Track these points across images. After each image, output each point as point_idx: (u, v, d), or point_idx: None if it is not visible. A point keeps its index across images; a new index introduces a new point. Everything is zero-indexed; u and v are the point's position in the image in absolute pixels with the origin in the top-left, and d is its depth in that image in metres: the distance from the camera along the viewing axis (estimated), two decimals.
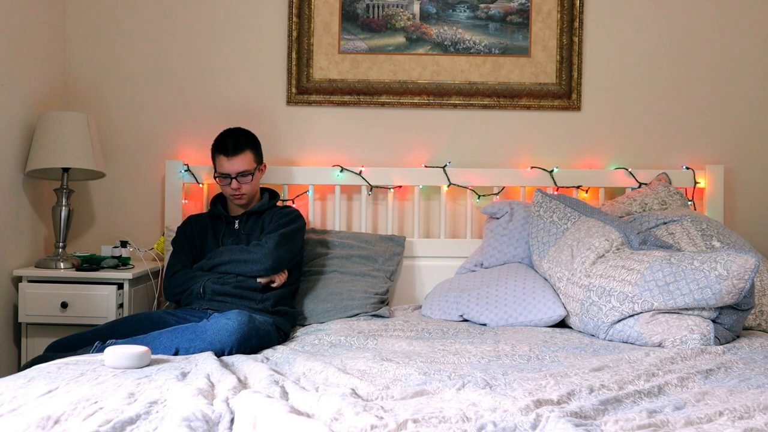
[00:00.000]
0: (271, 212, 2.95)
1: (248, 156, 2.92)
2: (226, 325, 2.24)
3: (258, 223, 2.92)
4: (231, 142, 2.90)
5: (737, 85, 3.47)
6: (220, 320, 2.27)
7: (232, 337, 2.22)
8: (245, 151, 2.90)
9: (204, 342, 2.21)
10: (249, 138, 2.97)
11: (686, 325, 2.36)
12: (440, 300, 2.94)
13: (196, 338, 2.23)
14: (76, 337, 2.45)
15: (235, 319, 2.26)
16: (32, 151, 3.03)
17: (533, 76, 3.45)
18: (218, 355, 2.18)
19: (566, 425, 1.46)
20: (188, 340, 2.23)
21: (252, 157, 2.93)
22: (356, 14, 3.44)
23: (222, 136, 2.96)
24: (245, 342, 2.24)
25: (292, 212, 2.96)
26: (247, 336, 2.25)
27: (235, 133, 2.95)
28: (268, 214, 2.95)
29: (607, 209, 3.13)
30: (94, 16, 3.42)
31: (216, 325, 2.25)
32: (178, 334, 2.26)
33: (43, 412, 1.53)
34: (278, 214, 2.93)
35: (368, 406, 1.58)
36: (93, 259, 3.12)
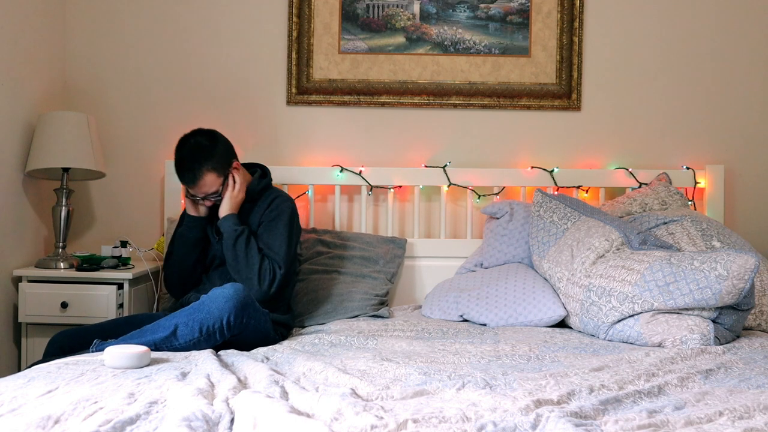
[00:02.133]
0: (261, 203, 2.74)
1: (209, 178, 2.65)
2: (222, 293, 2.27)
3: (249, 212, 2.74)
4: (186, 170, 2.65)
5: (737, 85, 3.47)
6: (216, 290, 2.30)
7: (229, 303, 2.24)
8: (203, 175, 2.63)
9: (202, 312, 2.24)
10: (206, 154, 2.65)
11: (686, 325, 2.36)
12: (440, 300, 2.94)
13: (194, 311, 2.26)
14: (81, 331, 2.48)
15: (230, 287, 2.29)
16: (32, 151, 3.03)
17: (533, 76, 3.45)
18: (218, 326, 2.22)
19: (566, 425, 1.46)
20: (186, 315, 2.26)
21: (214, 177, 2.65)
22: (356, 14, 3.44)
23: (176, 159, 2.69)
24: (242, 309, 2.27)
25: (277, 205, 2.72)
26: (243, 302, 2.28)
27: (189, 157, 2.65)
28: (259, 206, 2.74)
29: (607, 209, 3.13)
30: (94, 16, 3.42)
31: (212, 295, 2.28)
32: (176, 314, 2.30)
33: (43, 412, 1.53)
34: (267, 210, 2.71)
35: (368, 406, 1.58)
36: (93, 259, 3.11)
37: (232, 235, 2.61)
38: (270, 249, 2.63)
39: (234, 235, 2.61)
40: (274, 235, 2.65)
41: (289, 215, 2.70)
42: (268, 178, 2.85)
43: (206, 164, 2.64)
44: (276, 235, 2.65)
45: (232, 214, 2.67)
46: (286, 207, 2.71)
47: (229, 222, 2.65)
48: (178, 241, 2.78)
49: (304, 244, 3.16)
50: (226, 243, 2.63)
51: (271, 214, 2.69)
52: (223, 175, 2.68)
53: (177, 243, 2.78)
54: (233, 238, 2.61)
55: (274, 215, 2.69)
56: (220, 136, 2.74)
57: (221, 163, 2.67)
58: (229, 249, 2.62)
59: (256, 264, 2.57)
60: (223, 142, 2.73)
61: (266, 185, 2.81)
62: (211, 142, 2.69)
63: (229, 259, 2.62)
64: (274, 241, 2.64)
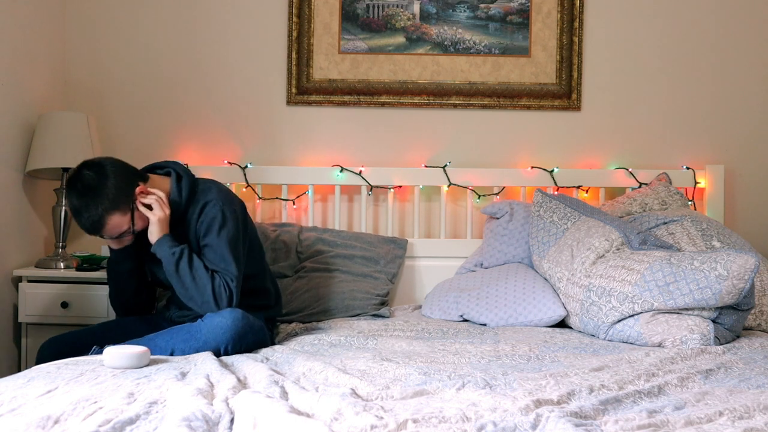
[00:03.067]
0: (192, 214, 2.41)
1: (114, 221, 2.30)
2: (220, 323, 2.20)
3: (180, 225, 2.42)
4: (84, 220, 2.29)
5: (737, 85, 3.47)
6: (214, 319, 2.22)
7: (226, 335, 2.19)
8: (105, 222, 2.29)
9: (199, 341, 2.19)
10: (98, 197, 2.26)
11: (686, 325, 2.36)
12: (440, 300, 2.94)
13: (191, 338, 2.21)
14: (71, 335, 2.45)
15: (228, 316, 2.22)
16: (32, 151, 3.03)
17: (533, 76, 3.45)
18: (215, 354, 2.16)
19: (566, 425, 1.46)
20: (183, 341, 2.21)
21: (119, 217, 2.30)
22: (356, 14, 3.44)
23: (70, 209, 2.32)
24: (240, 339, 2.21)
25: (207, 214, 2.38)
26: (241, 333, 2.21)
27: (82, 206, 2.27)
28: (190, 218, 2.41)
29: (607, 209, 3.13)
30: (94, 16, 3.42)
31: (210, 324, 2.21)
32: (173, 335, 2.25)
33: (43, 412, 1.53)
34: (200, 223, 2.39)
35: (368, 406, 1.57)
36: (93, 259, 3.12)
37: (171, 260, 2.30)
38: (215, 265, 2.33)
39: (173, 260, 2.30)
40: (214, 248, 2.35)
41: (222, 217, 2.37)
42: (187, 180, 2.45)
43: (104, 208, 2.27)
44: (215, 247, 2.34)
45: (165, 236, 2.34)
46: (216, 210, 2.37)
47: (164, 246, 2.32)
48: (112, 277, 2.52)
49: (305, 242, 3.15)
50: (167, 270, 2.32)
51: (202, 227, 2.37)
52: (128, 210, 2.32)
53: (109, 278, 2.53)
54: (173, 263, 2.30)
55: (206, 227, 2.37)
56: (109, 167, 2.32)
57: (121, 200, 2.30)
58: (173, 276, 2.31)
59: (208, 285, 2.29)
60: (114, 172, 2.31)
61: (190, 190, 2.44)
62: (99, 179, 2.28)
63: (177, 288, 2.33)
64: (216, 254, 2.34)
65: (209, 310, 2.31)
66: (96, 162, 2.35)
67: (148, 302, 2.63)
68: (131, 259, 2.49)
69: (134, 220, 2.34)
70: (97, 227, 2.30)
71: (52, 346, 2.40)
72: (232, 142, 3.42)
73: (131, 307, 2.58)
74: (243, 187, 3.33)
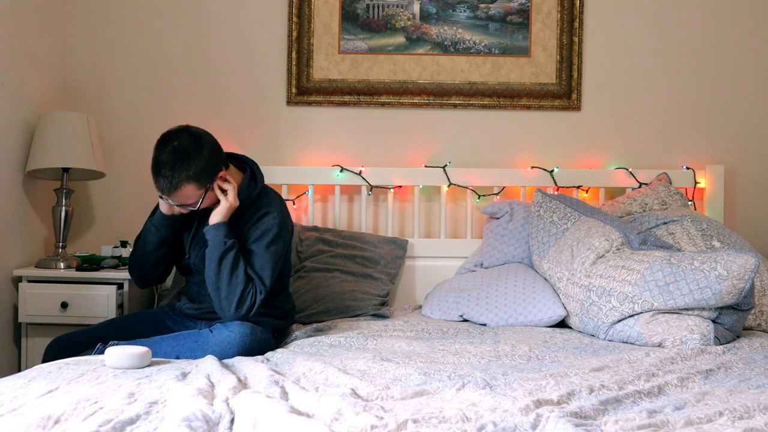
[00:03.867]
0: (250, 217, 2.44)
1: (188, 189, 2.32)
2: (228, 338, 2.23)
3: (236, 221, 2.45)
4: (162, 177, 2.31)
5: (737, 85, 3.47)
6: (223, 332, 2.26)
7: (233, 350, 2.22)
8: (181, 187, 2.31)
9: (205, 353, 2.21)
10: (188, 162, 2.30)
11: (686, 325, 2.36)
12: (440, 300, 2.94)
13: (198, 348, 2.23)
14: (77, 335, 2.45)
15: (237, 331, 2.24)
16: (32, 151, 3.03)
17: (533, 76, 3.45)
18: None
19: (566, 425, 1.46)
20: (189, 350, 2.23)
21: (194, 189, 2.32)
22: (356, 14, 3.44)
23: (154, 160, 2.33)
24: (246, 354, 2.23)
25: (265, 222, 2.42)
26: (248, 348, 2.24)
27: (168, 163, 2.30)
28: (247, 219, 2.45)
29: (607, 209, 3.13)
30: (94, 16, 3.42)
31: (218, 337, 2.25)
32: (180, 341, 2.27)
33: (44, 412, 1.53)
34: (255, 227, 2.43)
35: (368, 406, 1.58)
36: (93, 259, 3.12)
37: (220, 247, 2.33)
38: (254, 271, 2.36)
39: (221, 248, 2.33)
40: (258, 256, 2.37)
41: (275, 234, 2.40)
42: (260, 184, 2.51)
43: (187, 174, 2.29)
44: (260, 256, 2.37)
45: (223, 224, 2.37)
46: (274, 223, 2.41)
47: (219, 232, 2.35)
48: (144, 235, 2.53)
49: (305, 242, 3.16)
50: (210, 254, 2.34)
51: (257, 231, 2.40)
52: (205, 187, 2.34)
53: (143, 237, 2.54)
54: (220, 251, 2.32)
55: (260, 234, 2.40)
56: (208, 141, 2.37)
57: (204, 175, 2.33)
58: (213, 262, 2.33)
59: (240, 287, 2.31)
60: (210, 148, 2.36)
61: (258, 194, 2.49)
62: (196, 147, 2.32)
63: (210, 273, 2.33)
64: (258, 262, 2.37)
65: (228, 308, 2.32)
66: (198, 131, 2.38)
67: (162, 276, 2.63)
68: (170, 229, 2.50)
69: (204, 198, 2.36)
70: (171, 189, 2.31)
71: (59, 345, 2.41)
72: (232, 142, 3.42)
73: (146, 273, 2.58)
74: None
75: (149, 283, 2.64)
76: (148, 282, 2.63)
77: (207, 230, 2.38)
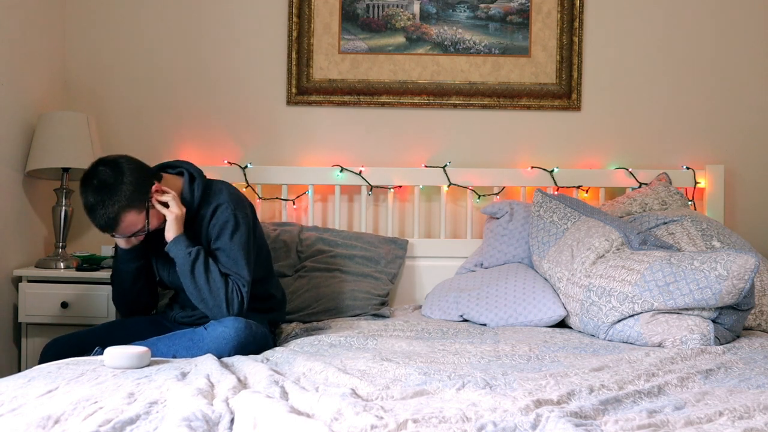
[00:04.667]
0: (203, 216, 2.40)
1: (129, 218, 2.28)
2: (223, 333, 2.22)
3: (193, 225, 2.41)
4: (99, 220, 2.26)
5: (737, 85, 3.47)
6: (218, 328, 2.24)
7: (229, 345, 2.20)
8: (121, 219, 2.27)
9: (201, 350, 2.20)
10: (115, 194, 2.24)
11: (686, 325, 2.36)
12: (440, 300, 2.94)
13: (194, 346, 2.22)
14: (74, 336, 2.45)
15: (231, 326, 2.23)
16: (32, 151, 3.03)
17: (533, 76, 3.45)
18: None
19: (566, 425, 1.46)
20: (186, 348, 2.22)
21: (134, 215, 2.29)
22: (356, 14, 3.44)
23: (84, 206, 2.28)
24: (243, 349, 2.22)
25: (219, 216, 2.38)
26: (244, 343, 2.22)
27: (98, 203, 2.24)
28: (201, 219, 2.40)
29: (607, 209, 3.13)
30: (94, 16, 3.42)
31: (213, 333, 2.23)
32: (176, 341, 2.26)
33: (43, 412, 1.53)
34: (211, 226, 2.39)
35: (368, 406, 1.57)
36: (93, 259, 3.12)
37: (187, 260, 2.29)
38: (228, 269, 2.33)
39: (189, 260, 2.29)
40: (227, 252, 2.35)
41: (234, 221, 2.37)
42: (200, 182, 2.44)
43: (120, 205, 2.25)
44: (228, 251, 2.35)
45: (181, 236, 2.32)
46: (228, 214, 2.37)
47: (180, 246, 2.31)
48: (116, 276, 2.52)
49: (305, 242, 3.15)
50: (181, 271, 2.31)
51: (215, 229, 2.37)
52: (144, 208, 2.30)
53: (116, 278, 2.52)
54: (189, 264, 2.29)
55: (219, 230, 2.36)
56: (125, 164, 2.30)
57: (137, 197, 2.28)
58: (186, 277, 2.30)
59: (222, 290, 2.29)
60: (130, 170, 2.29)
61: (203, 191, 2.43)
62: (116, 176, 2.26)
63: (190, 288, 2.31)
64: (229, 258, 2.34)
65: (219, 313, 2.31)
66: (112, 159, 2.32)
67: (150, 302, 2.63)
68: (138, 259, 2.48)
69: (149, 218, 2.32)
70: (112, 225, 2.27)
71: (56, 346, 2.40)
72: (232, 142, 3.42)
73: (133, 307, 2.59)
74: (243, 187, 3.32)
75: (139, 312, 2.62)
76: (138, 312, 2.61)
77: (168, 249, 2.34)
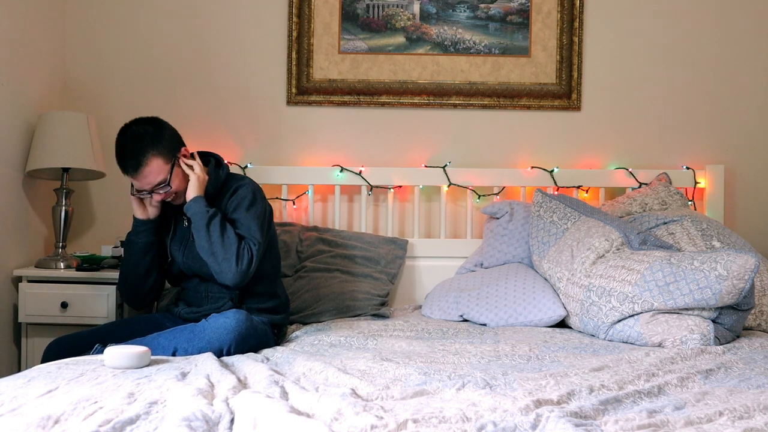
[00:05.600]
0: (223, 197, 2.52)
1: (155, 164, 2.40)
2: (224, 324, 2.23)
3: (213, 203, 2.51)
4: (127, 157, 2.39)
5: (737, 85, 3.47)
6: (219, 319, 2.26)
7: (230, 335, 2.21)
8: (148, 161, 2.38)
9: (202, 341, 2.20)
10: (149, 139, 2.40)
11: (686, 325, 2.36)
12: (440, 300, 2.94)
13: (195, 337, 2.22)
14: (77, 336, 2.45)
15: (233, 317, 2.24)
16: (32, 151, 3.03)
17: (533, 76, 3.45)
18: (217, 355, 2.17)
19: (566, 425, 1.46)
20: (186, 340, 2.23)
21: (161, 163, 2.41)
22: (356, 14, 3.44)
23: (117, 148, 2.43)
24: (243, 340, 2.22)
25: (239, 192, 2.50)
26: (245, 334, 2.23)
27: (131, 144, 2.39)
28: (222, 197, 2.52)
29: (607, 209, 3.13)
30: (94, 16, 3.42)
31: (214, 324, 2.24)
32: (176, 334, 2.26)
33: (43, 412, 1.53)
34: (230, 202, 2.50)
35: (368, 406, 1.57)
36: (93, 259, 3.12)
37: (204, 215, 2.38)
38: (241, 230, 2.43)
39: (207, 216, 2.38)
40: (241, 221, 2.45)
41: (252, 197, 2.49)
42: (225, 167, 2.61)
43: (151, 149, 2.38)
44: (242, 220, 2.44)
45: (201, 197, 2.44)
46: (248, 191, 2.49)
47: (200, 204, 2.41)
48: (127, 248, 2.59)
49: (305, 242, 3.16)
50: (197, 225, 2.39)
51: (232, 204, 2.48)
52: (171, 162, 2.42)
53: (126, 250, 2.60)
54: (205, 219, 2.37)
55: (236, 203, 2.47)
56: (166, 123, 2.50)
57: (167, 149, 2.42)
58: (202, 230, 2.37)
59: (234, 245, 2.36)
60: (168, 127, 2.49)
61: (227, 174, 2.59)
62: (155, 127, 2.45)
63: (202, 241, 2.38)
64: (243, 225, 2.44)
65: (227, 267, 2.35)
66: (152, 117, 2.50)
67: (153, 290, 2.63)
68: (151, 233, 2.54)
69: (172, 175, 2.42)
70: (139, 165, 2.37)
71: (58, 346, 2.40)
72: (232, 142, 3.42)
73: (136, 291, 2.60)
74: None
75: (141, 299, 2.64)
76: (140, 298, 2.63)
77: (187, 207, 2.43)
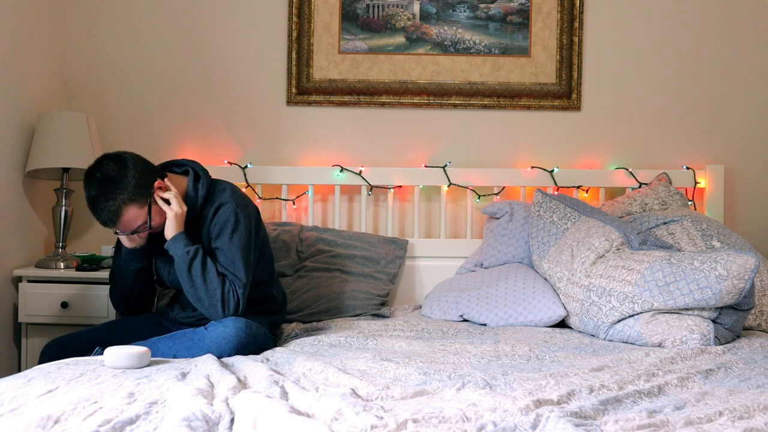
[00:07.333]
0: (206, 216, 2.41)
1: (130, 212, 2.29)
2: (224, 333, 2.21)
3: (196, 224, 2.42)
4: (100, 210, 2.28)
5: (737, 85, 3.47)
6: (218, 328, 2.24)
7: (229, 345, 2.20)
8: (122, 213, 2.28)
9: (201, 350, 2.20)
10: (117, 187, 2.26)
11: (686, 325, 2.36)
12: (440, 300, 2.94)
13: (194, 346, 2.22)
14: (74, 337, 2.45)
15: (232, 326, 2.23)
16: (32, 151, 3.03)
17: (533, 76, 3.45)
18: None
19: (566, 425, 1.46)
20: (186, 348, 2.22)
21: (136, 209, 2.30)
22: (356, 14, 3.44)
23: (87, 200, 2.30)
24: (243, 349, 2.22)
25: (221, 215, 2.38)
26: (244, 343, 2.22)
27: (100, 196, 2.26)
28: (203, 219, 2.41)
29: (607, 209, 3.13)
30: (94, 16, 3.42)
31: (213, 333, 2.23)
32: (176, 341, 2.26)
33: (43, 411, 1.53)
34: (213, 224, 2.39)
35: (368, 406, 1.57)
36: (93, 259, 3.12)
37: (185, 259, 2.30)
38: (225, 269, 2.33)
39: (187, 259, 2.30)
40: (225, 252, 2.35)
41: (234, 220, 2.37)
42: (204, 182, 2.46)
43: (122, 198, 2.27)
44: (226, 252, 2.35)
45: (181, 234, 2.33)
46: (229, 212, 2.37)
47: (179, 244, 2.32)
48: (117, 273, 2.51)
49: (305, 242, 3.15)
50: (179, 269, 2.32)
51: (215, 228, 2.37)
52: (146, 203, 2.32)
53: (116, 276, 2.51)
54: (186, 262, 2.30)
55: (219, 229, 2.36)
56: (129, 160, 2.33)
57: (139, 192, 2.29)
58: (184, 275, 2.30)
59: (218, 289, 2.28)
60: (134, 165, 2.31)
61: (207, 189, 2.45)
62: (119, 170, 2.28)
63: (186, 286, 2.32)
64: (227, 258, 2.34)
65: (215, 313, 2.31)
66: (116, 154, 2.35)
67: (148, 301, 2.63)
68: (141, 260, 2.48)
69: (151, 215, 2.33)
70: (114, 218, 2.28)
71: (56, 347, 2.39)
72: (232, 142, 3.42)
73: (132, 306, 2.59)
74: (243, 187, 3.32)
75: (137, 312, 2.62)
76: (136, 312, 2.61)
77: (167, 247, 2.35)
